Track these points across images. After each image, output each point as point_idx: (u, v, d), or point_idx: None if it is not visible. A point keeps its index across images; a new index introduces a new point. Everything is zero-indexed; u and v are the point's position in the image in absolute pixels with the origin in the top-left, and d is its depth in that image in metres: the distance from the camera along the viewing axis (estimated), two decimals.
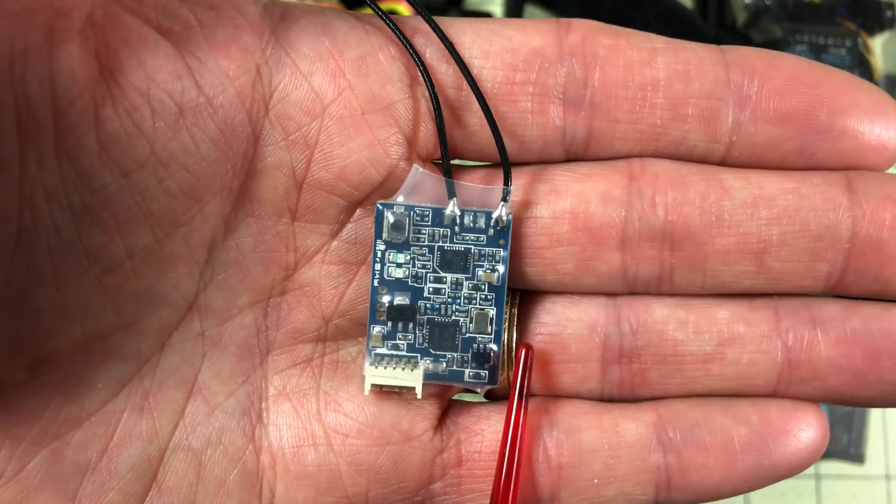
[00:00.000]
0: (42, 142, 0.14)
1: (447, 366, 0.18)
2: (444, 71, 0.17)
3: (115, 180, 0.15)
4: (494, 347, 0.18)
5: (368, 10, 0.18)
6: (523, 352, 0.18)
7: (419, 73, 0.17)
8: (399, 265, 0.18)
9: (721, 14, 0.51)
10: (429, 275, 0.18)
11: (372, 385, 0.18)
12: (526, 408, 0.18)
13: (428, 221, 0.18)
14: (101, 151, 0.15)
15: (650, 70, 0.17)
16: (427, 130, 0.17)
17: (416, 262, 0.18)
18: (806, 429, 0.18)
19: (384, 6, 0.42)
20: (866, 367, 0.17)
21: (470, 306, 0.18)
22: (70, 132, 0.15)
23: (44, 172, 0.14)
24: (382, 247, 0.18)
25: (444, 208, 0.18)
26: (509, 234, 0.18)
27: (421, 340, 0.18)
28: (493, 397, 0.19)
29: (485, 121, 0.17)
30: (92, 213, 0.15)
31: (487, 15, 0.45)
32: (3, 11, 0.13)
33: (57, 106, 0.14)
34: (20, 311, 0.15)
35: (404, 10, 0.42)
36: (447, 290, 0.18)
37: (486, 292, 0.18)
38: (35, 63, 0.14)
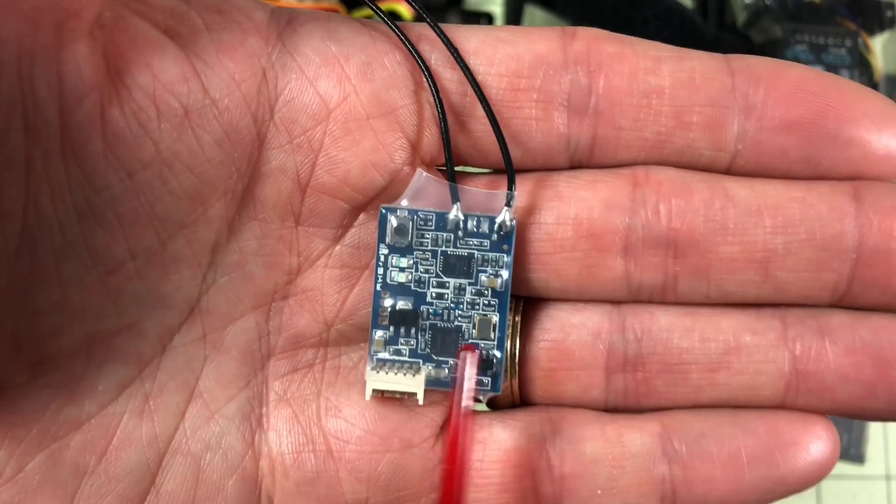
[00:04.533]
0: (48, 140, 0.14)
1: (449, 372, 0.18)
2: (449, 77, 0.17)
3: (120, 181, 0.15)
4: (497, 354, 0.18)
5: (372, 14, 0.18)
6: (466, 354, 0.17)
7: (424, 79, 0.17)
8: (402, 269, 0.18)
9: (721, 14, 0.51)
10: (432, 279, 0.18)
11: (373, 390, 0.17)
12: (468, 418, 0.17)
13: (431, 226, 0.18)
14: (107, 151, 0.15)
15: (655, 78, 0.17)
16: (431, 136, 0.18)
17: (420, 267, 0.18)
18: (815, 441, 0.17)
19: (384, 6, 0.42)
20: (876, 379, 0.17)
21: (473, 312, 0.18)
22: (76, 131, 0.15)
23: (49, 171, 0.15)
24: (385, 251, 0.18)
25: (448, 213, 0.18)
26: (513, 240, 0.17)
27: (423, 346, 0.18)
28: (495, 405, 0.19)
29: (489, 127, 0.17)
30: (96, 213, 0.15)
31: (488, 15, 0.45)
32: (12, 10, 0.13)
33: (64, 105, 0.14)
34: (22, 309, 0.15)
35: (405, 10, 0.42)
36: (450, 296, 0.18)
37: (489, 298, 0.18)
38: (43, 62, 0.14)
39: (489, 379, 0.18)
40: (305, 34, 0.17)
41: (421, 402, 0.17)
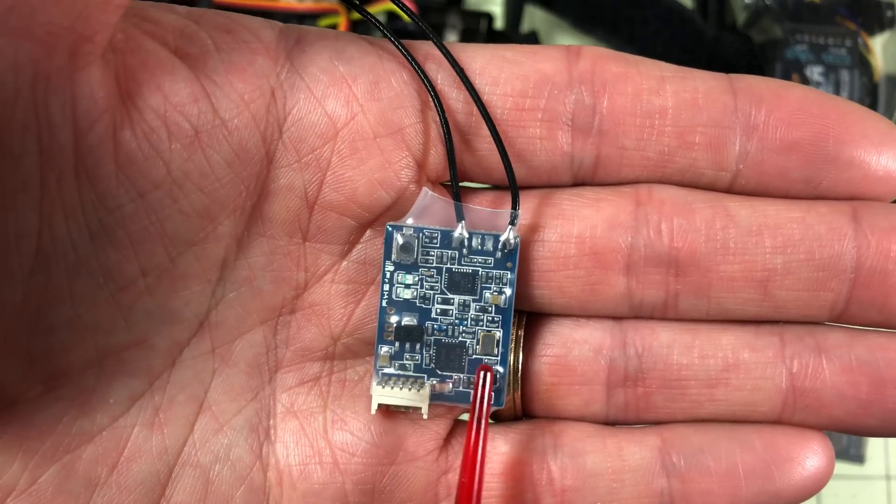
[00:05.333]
0: (62, 163, 0.15)
1: (453, 387, 0.18)
2: (455, 96, 0.18)
3: (132, 200, 0.16)
4: (500, 369, 0.18)
5: (377, 32, 0.18)
6: (482, 374, 0.17)
7: (430, 99, 0.17)
8: (407, 286, 0.18)
9: (721, 14, 0.51)
10: (437, 296, 0.18)
11: (378, 404, 0.18)
12: (486, 433, 0.17)
13: (436, 243, 0.18)
14: (119, 172, 0.15)
15: (658, 98, 0.18)
16: (437, 154, 0.18)
17: (425, 284, 0.18)
18: (811, 456, 0.18)
19: (381, 6, 0.42)
20: (872, 397, 0.17)
21: (477, 328, 0.18)
22: (89, 153, 0.15)
23: (63, 192, 0.15)
24: (391, 268, 0.18)
25: (453, 231, 0.18)
26: (517, 258, 0.18)
27: (428, 361, 0.18)
28: (498, 419, 0.19)
29: (494, 145, 0.17)
30: (108, 232, 0.16)
31: (488, 15, 0.45)
32: (27, 36, 0.14)
33: (77, 128, 0.15)
34: (36, 326, 0.16)
35: (401, 11, 0.42)
36: (454, 312, 0.18)
37: (493, 314, 0.18)
38: (58, 86, 0.14)
39: (492, 393, 0.18)
40: (314, 54, 0.17)
41: (425, 416, 0.18)
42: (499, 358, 0.18)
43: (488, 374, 0.17)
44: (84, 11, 0.14)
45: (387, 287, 0.18)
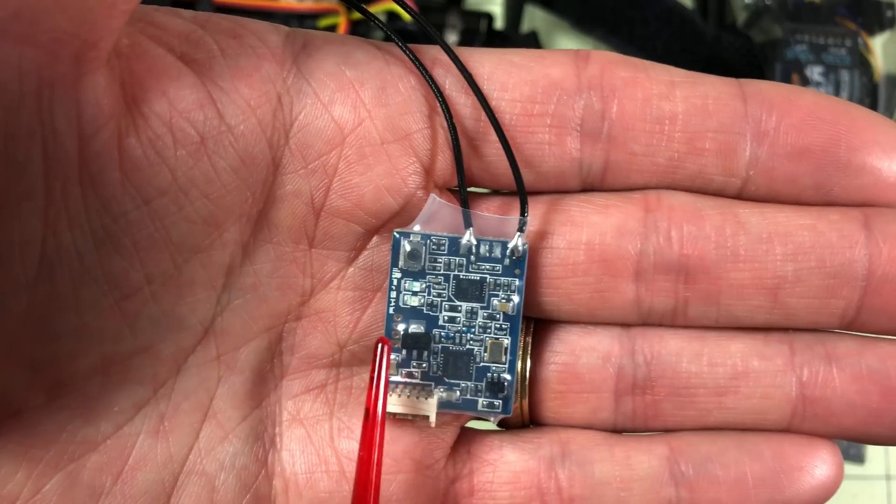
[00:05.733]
0: (67, 170, 0.14)
1: (461, 394, 0.18)
2: (463, 102, 0.17)
3: (137, 207, 0.15)
4: (508, 377, 0.18)
5: (378, 32, 0.18)
6: (380, 345, 0.16)
7: (438, 104, 0.17)
8: (415, 293, 0.18)
9: (721, 14, 0.51)
10: (444, 303, 0.18)
11: (386, 413, 0.18)
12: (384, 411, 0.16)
13: (444, 250, 0.18)
14: (124, 179, 0.15)
15: (668, 103, 0.17)
16: (445, 160, 0.18)
17: (432, 291, 0.18)
18: (820, 465, 0.18)
19: (382, 6, 0.42)
20: (882, 406, 0.17)
21: (484, 335, 0.18)
22: (94, 161, 0.15)
23: (68, 200, 0.15)
24: (398, 275, 0.18)
25: (461, 237, 0.18)
26: (525, 264, 0.18)
27: (435, 369, 0.18)
28: (505, 426, 0.19)
29: (502, 151, 0.17)
30: (113, 240, 0.15)
31: (488, 15, 0.45)
32: (31, 43, 0.13)
33: (82, 135, 0.14)
34: (41, 335, 0.15)
35: (402, 11, 0.42)
36: (462, 319, 0.18)
37: (500, 322, 0.18)
38: (62, 93, 0.14)
39: (500, 401, 0.18)
40: (320, 59, 0.17)
41: (433, 425, 0.18)
42: (507, 366, 0.18)
43: (385, 347, 0.17)
44: (89, 17, 0.14)
45: (394, 294, 0.18)
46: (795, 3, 0.49)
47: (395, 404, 0.17)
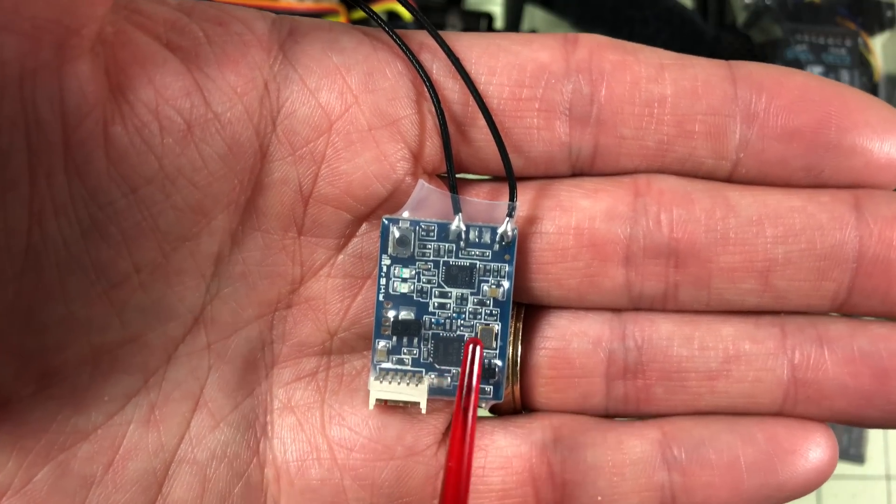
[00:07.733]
0: (52, 159, 0.14)
1: (452, 381, 0.18)
2: (451, 87, 0.17)
3: (124, 196, 0.15)
4: (499, 363, 0.18)
5: (373, 24, 0.18)
6: (471, 347, 0.16)
7: (426, 89, 0.17)
8: (404, 280, 0.18)
9: (721, 14, 0.51)
10: (434, 290, 0.18)
11: (376, 400, 0.18)
12: (475, 412, 0.16)
13: (433, 236, 0.18)
14: (110, 167, 0.15)
15: (657, 86, 0.17)
16: (433, 146, 0.18)
17: (422, 277, 0.18)
18: (814, 449, 0.18)
19: (382, 6, 0.42)
20: (874, 388, 0.17)
21: (475, 321, 0.18)
22: (79, 149, 0.15)
23: (53, 189, 0.15)
24: (388, 261, 0.18)
25: (450, 223, 0.18)
26: (514, 250, 0.18)
27: (426, 355, 0.18)
28: (497, 412, 0.19)
29: (490, 136, 0.17)
30: (100, 228, 0.15)
31: (488, 15, 0.45)
32: (13, 30, 0.13)
33: (67, 123, 0.14)
34: (28, 325, 0.15)
35: (403, 10, 0.42)
36: (452, 305, 0.18)
37: (490, 307, 0.18)
38: (45, 81, 0.14)
39: (491, 387, 0.18)
40: (307, 45, 0.17)
41: (424, 411, 0.18)
42: (497, 351, 0.18)
43: (478, 348, 0.16)
44: (71, 4, 0.14)
45: (383, 281, 0.18)
46: (795, 3, 0.49)
47: (385, 391, 0.17)
